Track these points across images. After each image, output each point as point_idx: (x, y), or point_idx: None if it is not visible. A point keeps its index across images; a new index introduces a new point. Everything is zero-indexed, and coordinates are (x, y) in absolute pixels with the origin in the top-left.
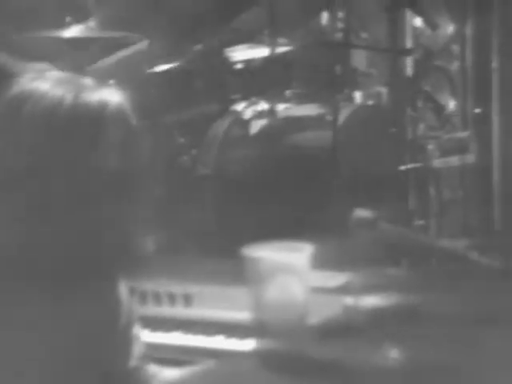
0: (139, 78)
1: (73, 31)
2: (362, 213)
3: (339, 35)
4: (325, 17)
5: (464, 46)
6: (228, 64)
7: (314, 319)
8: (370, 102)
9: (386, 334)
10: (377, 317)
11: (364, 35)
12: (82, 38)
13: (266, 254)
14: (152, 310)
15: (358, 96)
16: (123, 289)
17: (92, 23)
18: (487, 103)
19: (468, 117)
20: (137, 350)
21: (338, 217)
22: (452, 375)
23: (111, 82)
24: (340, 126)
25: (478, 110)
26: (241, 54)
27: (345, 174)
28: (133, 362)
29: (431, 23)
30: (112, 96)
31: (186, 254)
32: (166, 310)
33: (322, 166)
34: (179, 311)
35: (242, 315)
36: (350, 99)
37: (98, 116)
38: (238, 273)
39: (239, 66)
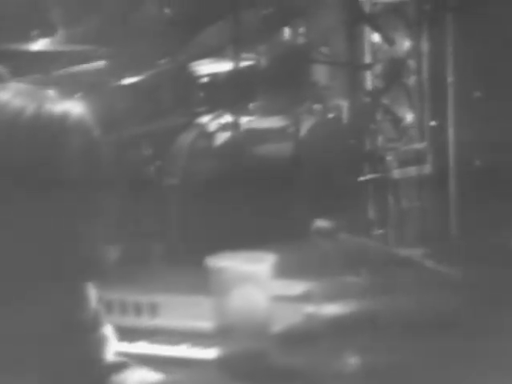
0: (105, 91)
1: (39, 44)
2: (322, 223)
3: (301, 50)
4: (287, 32)
5: (420, 61)
6: (193, 77)
7: (277, 328)
8: (331, 115)
9: (346, 341)
10: (337, 325)
11: (324, 50)
12: (48, 51)
13: (229, 263)
14: (118, 319)
15: (319, 109)
16: (90, 291)
17: (59, 37)
18: (443, 116)
19: (425, 129)
20: (110, 350)
21: (300, 226)
22: (410, 381)
23: (76, 94)
24: (302, 138)
25: (433, 123)
26: (206, 67)
27: (306, 185)
28: (106, 361)
29: (388, 39)
30: (74, 108)
31: (152, 263)
32: (132, 320)
33: (284, 176)
34: (145, 321)
35: (207, 324)
36: (312, 112)
37: (60, 127)
38: (203, 282)
39: (204, 79)
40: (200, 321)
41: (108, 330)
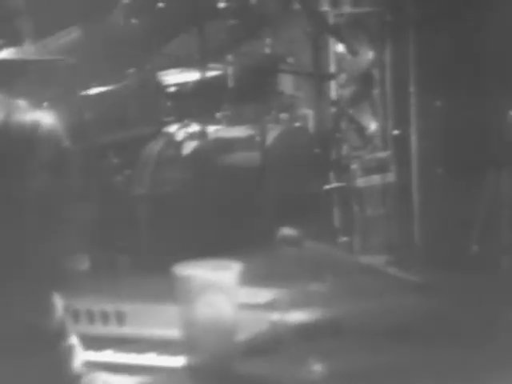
0: (73, 101)
1: (5, 53)
2: (288, 231)
3: (267, 60)
4: (253, 42)
5: (383, 71)
6: (160, 87)
7: (242, 335)
8: (297, 124)
9: (310, 348)
10: (302, 332)
11: (290, 60)
12: (14, 60)
13: (195, 272)
14: (85, 328)
15: (285, 118)
16: (56, 301)
17: (26, 46)
18: (406, 125)
19: (388, 138)
20: (77, 359)
21: (265, 235)
22: None
23: (44, 103)
24: (268, 147)
25: (396, 132)
26: (173, 77)
27: (272, 193)
28: (74, 370)
29: (352, 50)
30: (44, 117)
31: (120, 272)
32: (99, 328)
33: (251, 185)
34: (112, 329)
35: (174, 332)
36: (278, 121)
37: (30, 137)
38: (170, 291)
39: (172, 89)
40: (167, 329)
41: (74, 340)
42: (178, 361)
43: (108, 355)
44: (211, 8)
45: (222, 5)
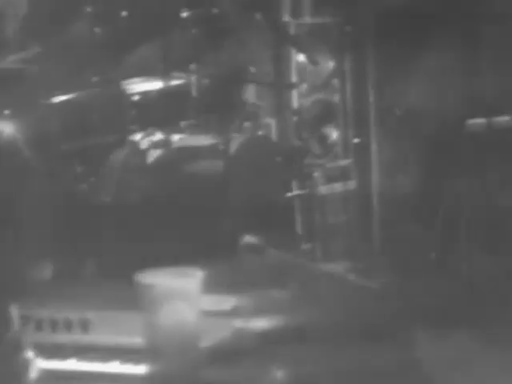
0: (38, 109)
1: None
2: (250, 238)
3: (230, 69)
4: (217, 52)
5: (344, 81)
6: (125, 96)
7: (206, 342)
8: (260, 133)
9: (274, 354)
10: (265, 338)
11: (253, 70)
12: None
13: (159, 279)
14: (48, 336)
15: (248, 127)
16: (13, 311)
17: None
18: (366, 133)
19: (349, 146)
20: (33, 372)
21: (228, 242)
22: None
23: (7, 113)
24: (231, 156)
25: (357, 140)
26: (137, 86)
27: (235, 201)
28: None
29: (312, 60)
30: (4, 128)
31: (84, 279)
32: (63, 337)
33: (214, 193)
34: (76, 337)
35: (138, 340)
36: (241, 130)
37: None
38: (134, 298)
39: (136, 97)
40: (131, 337)
41: (30, 353)
42: (142, 369)
43: (71, 364)
44: (175, 17)
45: (185, 14)
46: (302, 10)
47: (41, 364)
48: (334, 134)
